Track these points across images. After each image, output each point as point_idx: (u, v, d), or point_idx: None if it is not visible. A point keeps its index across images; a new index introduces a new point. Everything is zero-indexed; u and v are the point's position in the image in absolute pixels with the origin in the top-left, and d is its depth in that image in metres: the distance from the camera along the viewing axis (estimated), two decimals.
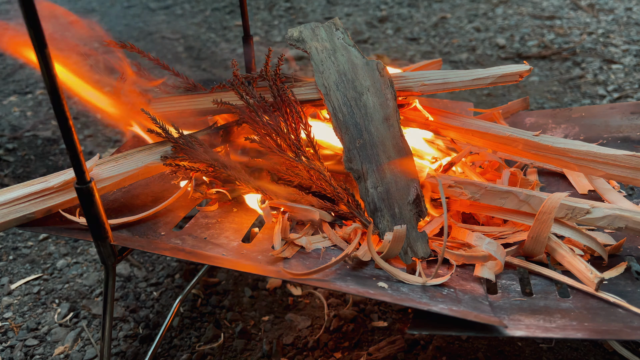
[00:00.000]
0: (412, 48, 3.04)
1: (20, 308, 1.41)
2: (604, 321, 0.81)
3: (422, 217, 1.05)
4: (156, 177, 1.23)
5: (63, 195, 0.99)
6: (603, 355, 1.17)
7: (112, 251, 0.93)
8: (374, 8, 3.72)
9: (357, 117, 1.08)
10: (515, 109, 1.57)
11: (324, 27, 1.20)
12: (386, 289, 0.88)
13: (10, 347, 1.28)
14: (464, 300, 0.87)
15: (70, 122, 0.79)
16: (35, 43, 0.72)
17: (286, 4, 3.91)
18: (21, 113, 2.49)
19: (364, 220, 1.03)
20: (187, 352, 1.26)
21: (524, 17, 3.31)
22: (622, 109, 1.40)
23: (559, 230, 0.98)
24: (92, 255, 1.60)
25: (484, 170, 1.31)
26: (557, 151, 1.05)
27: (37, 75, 2.88)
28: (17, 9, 0.68)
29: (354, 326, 1.29)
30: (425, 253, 0.99)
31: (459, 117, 1.18)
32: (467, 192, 1.06)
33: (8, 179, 1.98)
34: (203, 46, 3.24)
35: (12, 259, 1.59)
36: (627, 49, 2.74)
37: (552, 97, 2.41)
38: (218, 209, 1.17)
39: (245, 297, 1.41)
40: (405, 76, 1.15)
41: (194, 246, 1.01)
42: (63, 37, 0.99)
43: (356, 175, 1.05)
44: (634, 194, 1.17)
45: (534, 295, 0.91)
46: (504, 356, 1.19)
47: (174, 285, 1.47)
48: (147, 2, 4.13)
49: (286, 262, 0.98)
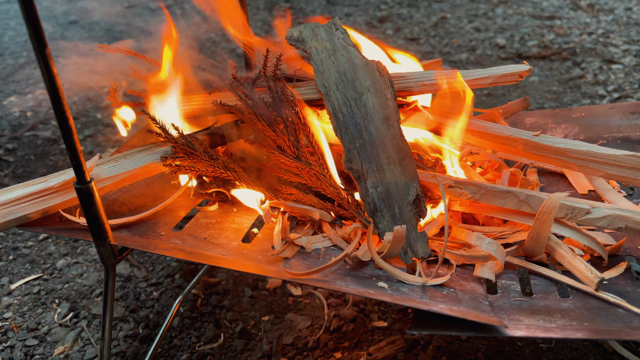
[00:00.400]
0: (412, 48, 3.04)
1: (20, 308, 1.41)
2: (604, 321, 0.81)
3: (422, 217, 1.05)
4: (156, 177, 1.23)
5: (63, 195, 0.99)
6: (603, 355, 1.17)
7: (112, 251, 0.93)
8: (374, 8, 3.72)
9: (357, 117, 1.07)
10: (515, 109, 1.57)
11: (324, 27, 1.20)
12: (386, 289, 0.88)
13: (10, 347, 1.28)
14: (464, 300, 0.87)
15: (71, 122, 0.79)
16: (35, 43, 0.72)
17: (286, 4, 3.91)
18: (21, 113, 2.49)
19: (364, 220, 1.03)
20: (187, 352, 1.26)
21: (524, 17, 3.31)
22: (622, 109, 1.40)
23: (559, 230, 0.98)
24: (92, 255, 1.60)
25: (484, 170, 1.31)
26: (557, 151, 1.05)
27: (37, 75, 2.88)
28: (17, 9, 0.68)
29: (354, 326, 1.29)
30: (425, 253, 0.99)
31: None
32: (467, 192, 1.06)
33: (8, 179, 1.98)
34: (203, 46, 3.24)
35: (12, 259, 1.59)
36: (627, 49, 2.74)
37: (552, 97, 2.41)
38: (218, 209, 1.17)
39: (245, 297, 1.41)
40: (405, 76, 1.15)
41: (194, 246, 1.01)
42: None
43: (356, 175, 1.05)
44: (634, 194, 1.17)
45: (534, 295, 0.91)
46: (504, 356, 1.19)
47: (174, 285, 1.47)
48: (147, 2, 4.13)
49: (286, 262, 0.98)
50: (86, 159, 0.87)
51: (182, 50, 1.22)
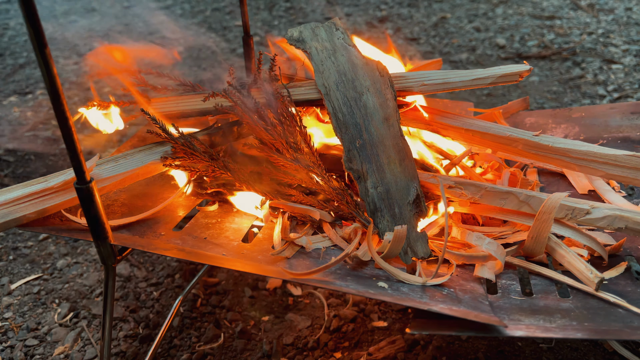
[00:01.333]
0: (412, 48, 3.04)
1: (20, 308, 1.41)
2: (604, 321, 0.81)
3: (422, 217, 1.05)
4: (156, 177, 1.23)
5: (63, 195, 0.99)
6: (603, 355, 1.17)
7: (112, 251, 0.93)
8: (374, 8, 3.72)
9: (357, 117, 1.07)
10: (515, 109, 1.57)
11: (324, 27, 1.20)
12: (386, 289, 0.88)
13: (10, 347, 1.28)
14: (464, 300, 0.87)
15: (71, 122, 0.79)
16: (35, 43, 0.72)
17: (286, 4, 3.91)
18: (21, 113, 2.49)
19: (364, 220, 1.03)
20: (187, 352, 1.26)
21: (524, 17, 3.31)
22: (622, 109, 1.40)
23: (559, 230, 0.98)
24: (92, 255, 1.60)
25: (485, 170, 1.31)
26: (557, 151, 1.05)
27: (37, 75, 2.88)
28: (17, 8, 0.68)
29: (354, 326, 1.29)
30: (425, 253, 0.99)
31: (459, 117, 1.18)
32: (468, 192, 1.06)
33: (8, 179, 1.98)
34: (203, 46, 3.24)
35: (12, 259, 1.59)
36: (627, 49, 2.74)
37: (552, 97, 2.41)
38: (218, 209, 1.17)
39: (245, 297, 1.41)
40: (405, 76, 1.15)
41: (194, 246, 1.01)
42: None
43: (356, 175, 1.05)
44: (634, 194, 1.17)
45: (534, 295, 0.91)
46: (504, 356, 1.19)
47: (174, 285, 1.47)
48: (147, 2, 4.13)
49: (286, 262, 0.98)
50: (86, 159, 0.87)
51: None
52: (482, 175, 1.27)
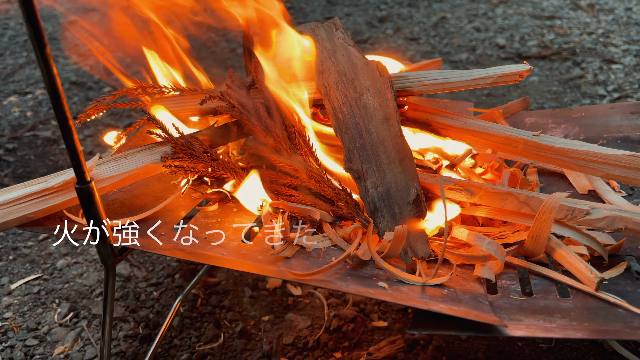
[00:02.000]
0: (412, 48, 3.04)
1: (20, 308, 1.41)
2: (604, 321, 0.81)
3: (422, 218, 1.05)
4: (156, 177, 1.23)
5: (63, 195, 0.99)
6: (603, 355, 1.17)
7: (112, 251, 0.93)
8: (374, 8, 3.72)
9: (357, 117, 1.07)
10: (515, 109, 1.57)
11: (324, 27, 1.20)
12: (386, 288, 0.88)
13: (10, 347, 1.28)
14: (464, 300, 0.87)
15: (70, 122, 0.79)
16: (35, 43, 0.72)
17: (286, 4, 3.92)
18: (21, 113, 2.49)
19: (364, 220, 1.03)
20: (187, 352, 1.26)
21: (524, 17, 3.31)
22: (622, 109, 1.40)
23: (559, 231, 0.98)
24: (92, 255, 1.60)
25: (485, 170, 1.31)
26: (557, 151, 1.05)
27: (37, 75, 2.88)
28: (17, 8, 0.68)
29: (354, 326, 1.29)
30: (425, 253, 0.99)
31: (459, 117, 1.18)
32: (468, 193, 1.06)
33: (8, 179, 1.98)
34: (203, 46, 3.24)
35: (12, 259, 1.59)
36: (627, 49, 2.74)
37: (552, 97, 2.41)
38: (218, 209, 1.17)
39: (245, 297, 1.41)
40: (405, 76, 1.15)
41: (194, 246, 1.01)
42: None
43: (356, 176, 1.05)
44: (634, 194, 1.17)
45: (534, 295, 0.91)
46: (504, 356, 1.19)
47: (174, 285, 1.47)
48: None
49: (286, 262, 0.98)
50: (86, 159, 0.86)
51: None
52: (482, 175, 1.27)
